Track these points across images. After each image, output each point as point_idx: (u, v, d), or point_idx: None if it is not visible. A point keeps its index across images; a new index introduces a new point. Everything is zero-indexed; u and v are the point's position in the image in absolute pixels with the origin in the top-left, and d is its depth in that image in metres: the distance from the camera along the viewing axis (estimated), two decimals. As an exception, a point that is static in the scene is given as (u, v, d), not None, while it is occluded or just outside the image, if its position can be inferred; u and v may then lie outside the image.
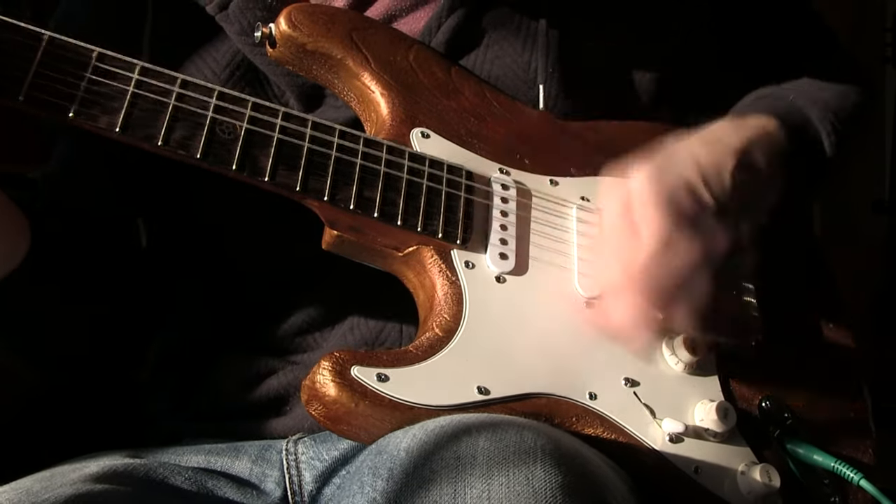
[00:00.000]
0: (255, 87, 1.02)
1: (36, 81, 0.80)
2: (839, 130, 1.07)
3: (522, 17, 1.05)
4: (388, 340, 1.01)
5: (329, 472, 0.99)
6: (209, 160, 0.85)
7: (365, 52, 0.98)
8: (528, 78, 1.04)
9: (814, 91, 1.11)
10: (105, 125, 0.82)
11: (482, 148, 0.99)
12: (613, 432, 0.88)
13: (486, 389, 0.84)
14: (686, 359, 0.94)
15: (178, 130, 0.84)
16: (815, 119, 1.07)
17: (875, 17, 2.87)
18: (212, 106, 0.86)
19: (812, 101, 1.09)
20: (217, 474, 0.97)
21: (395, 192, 0.91)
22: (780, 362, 1.02)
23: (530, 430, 0.77)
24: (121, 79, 0.83)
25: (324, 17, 0.97)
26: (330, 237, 0.89)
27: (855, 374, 1.06)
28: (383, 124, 0.97)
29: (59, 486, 0.82)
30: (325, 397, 0.81)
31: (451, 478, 0.72)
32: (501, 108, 1.03)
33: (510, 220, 0.96)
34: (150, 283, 1.15)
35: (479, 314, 0.89)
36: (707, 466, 0.90)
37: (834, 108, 1.09)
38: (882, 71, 2.81)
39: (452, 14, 1.03)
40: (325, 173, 0.89)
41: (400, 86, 0.99)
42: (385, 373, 0.82)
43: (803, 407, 1.00)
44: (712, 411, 0.91)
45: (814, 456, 0.95)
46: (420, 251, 0.91)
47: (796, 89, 1.11)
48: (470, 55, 1.05)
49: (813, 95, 1.10)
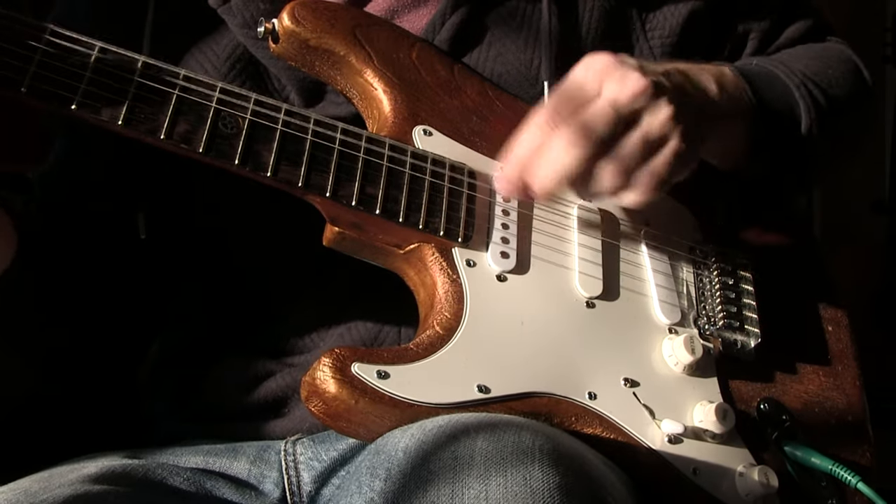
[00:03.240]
0: (256, 81, 1.02)
1: (39, 73, 0.79)
2: (818, 99, 1.06)
3: (524, 15, 1.05)
4: (386, 341, 1.01)
5: (328, 472, 0.99)
6: (212, 154, 0.85)
7: (368, 48, 0.98)
8: (530, 75, 1.04)
9: (788, 59, 1.10)
10: (107, 118, 0.82)
11: (484, 146, 0.99)
12: (612, 432, 0.88)
13: (486, 388, 0.84)
14: (685, 360, 0.94)
15: (181, 124, 0.84)
16: (789, 80, 1.06)
17: (875, 17, 2.87)
18: (215, 100, 0.86)
19: (783, 64, 1.08)
20: (216, 475, 0.97)
21: (397, 190, 0.91)
22: (779, 364, 1.02)
23: (528, 430, 0.77)
24: (124, 72, 0.83)
25: (327, 13, 0.97)
26: (331, 234, 0.89)
27: (854, 377, 1.06)
28: (385, 121, 0.97)
29: (57, 487, 0.82)
30: (325, 394, 0.81)
31: (449, 478, 0.72)
32: (504, 107, 1.03)
33: (512, 218, 0.96)
34: (150, 281, 1.14)
35: (479, 312, 0.89)
36: (705, 467, 0.90)
37: (814, 76, 1.08)
38: (882, 71, 2.81)
39: (456, 12, 1.03)
40: (327, 169, 0.89)
41: (402, 83, 0.98)
42: (385, 370, 0.82)
43: (802, 409, 1.00)
44: (711, 412, 0.91)
45: (811, 458, 0.95)
46: (421, 249, 0.91)
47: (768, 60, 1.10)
48: (472, 53, 1.05)
49: (785, 61, 1.09)
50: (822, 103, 1.06)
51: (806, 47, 1.17)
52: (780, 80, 1.06)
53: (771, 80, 1.05)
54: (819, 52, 1.15)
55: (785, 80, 1.06)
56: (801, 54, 1.14)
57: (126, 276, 1.12)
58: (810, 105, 1.05)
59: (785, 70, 1.07)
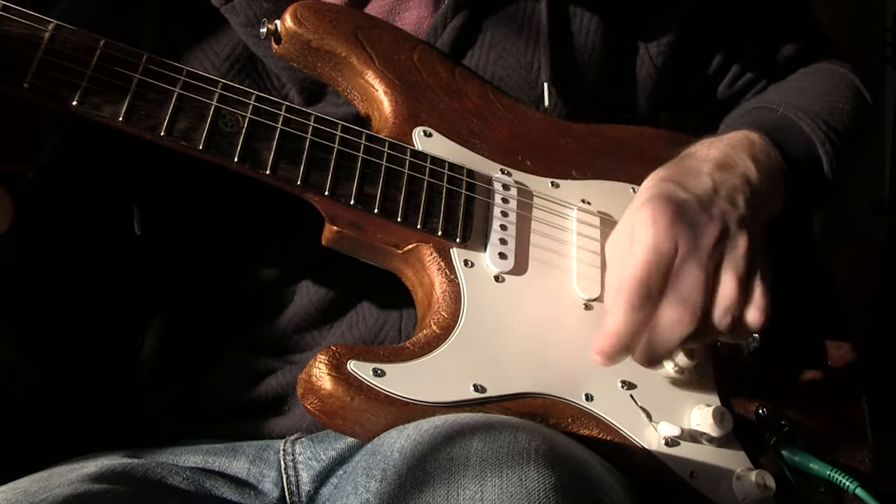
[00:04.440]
0: (256, 81, 1.03)
1: (40, 69, 0.80)
2: (835, 143, 1.07)
3: (525, 18, 1.05)
4: (386, 339, 1.01)
5: (326, 472, 0.99)
6: (211, 152, 0.85)
7: (369, 50, 0.98)
8: (530, 78, 1.05)
9: (805, 102, 1.11)
10: (108, 115, 0.82)
11: (484, 148, 1.00)
12: (609, 434, 0.88)
13: (482, 388, 0.84)
14: (684, 363, 0.94)
15: (181, 121, 0.84)
16: (810, 131, 1.07)
17: (875, 17, 2.87)
18: (216, 97, 0.86)
19: (804, 112, 1.09)
20: (215, 474, 0.97)
21: (395, 189, 0.91)
22: (778, 367, 1.02)
23: (524, 430, 0.76)
24: (126, 69, 0.83)
25: (329, 14, 0.98)
26: (330, 233, 0.89)
27: (854, 381, 1.06)
28: (386, 122, 0.97)
29: (56, 486, 0.82)
30: (321, 391, 0.81)
31: (445, 479, 0.72)
32: (504, 109, 1.03)
33: (510, 220, 0.96)
34: (147, 277, 1.15)
35: (476, 313, 0.89)
36: (703, 470, 0.90)
37: (829, 118, 1.09)
38: (882, 71, 2.80)
39: (458, 14, 1.04)
40: (326, 168, 0.89)
41: (403, 84, 0.99)
42: (381, 368, 0.82)
43: (800, 413, 1.00)
44: (709, 416, 0.91)
45: (810, 463, 0.95)
46: (419, 249, 0.91)
47: (786, 101, 1.11)
48: (473, 56, 1.05)
49: (804, 107, 1.10)
50: (839, 146, 1.08)
51: (812, 76, 1.18)
52: (804, 134, 1.07)
53: (796, 136, 1.06)
54: (828, 85, 1.16)
55: (809, 134, 1.07)
56: (813, 88, 1.15)
57: (122, 271, 1.12)
58: (831, 153, 1.07)
59: (809, 123, 1.08)
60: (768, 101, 1.13)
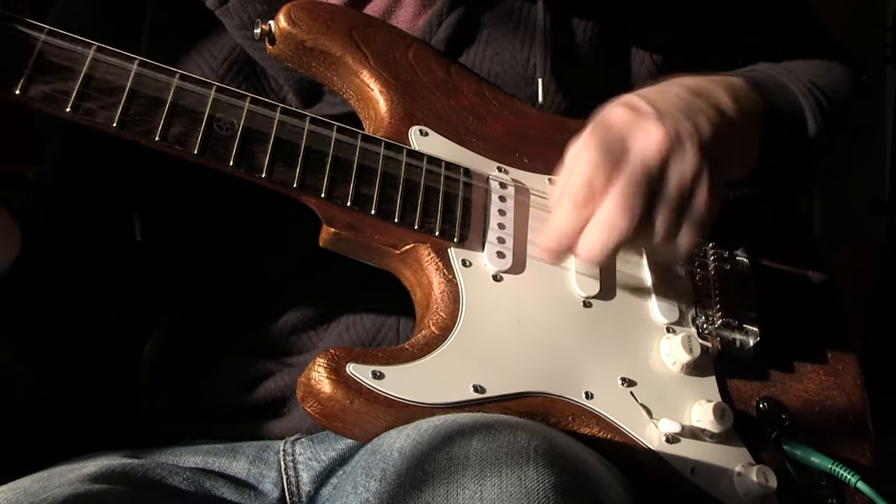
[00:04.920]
0: (253, 83, 1.02)
1: (34, 75, 0.80)
2: (823, 104, 1.07)
3: (521, 15, 1.05)
4: (385, 340, 1.01)
5: (326, 472, 0.99)
6: (206, 156, 0.85)
7: (364, 49, 0.98)
8: (526, 75, 1.04)
9: (793, 69, 1.11)
10: (102, 120, 0.82)
11: (481, 146, 0.99)
12: (609, 432, 0.88)
13: (481, 388, 0.84)
14: (683, 359, 0.94)
15: (176, 126, 0.84)
16: (795, 88, 1.07)
17: (875, 17, 2.87)
18: (210, 101, 0.86)
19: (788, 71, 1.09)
20: (215, 475, 0.97)
21: (392, 190, 0.91)
22: (779, 363, 1.02)
23: (524, 430, 0.76)
24: (119, 74, 0.83)
25: (323, 14, 0.97)
26: (327, 234, 0.89)
27: (854, 375, 1.06)
28: (382, 122, 0.97)
29: (57, 486, 0.82)
30: (321, 394, 0.81)
31: (444, 479, 0.72)
32: (500, 107, 1.03)
33: (508, 218, 0.96)
34: (146, 280, 1.15)
35: (475, 312, 0.89)
36: (703, 467, 0.90)
37: (818, 83, 1.09)
38: (882, 71, 2.80)
39: (453, 11, 1.04)
40: (322, 170, 0.88)
41: (399, 83, 0.98)
42: (380, 370, 0.82)
43: (801, 408, 1.00)
44: (709, 412, 0.91)
45: (811, 458, 0.95)
46: (417, 249, 0.91)
47: (772, 68, 1.11)
48: (469, 53, 1.05)
49: (790, 69, 1.10)
50: (826, 107, 1.07)
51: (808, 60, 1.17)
52: (787, 87, 1.07)
53: (779, 88, 1.06)
54: (822, 65, 1.16)
55: (792, 88, 1.07)
56: (805, 64, 1.14)
57: (123, 275, 1.12)
58: (815, 110, 1.06)
59: (791, 77, 1.08)
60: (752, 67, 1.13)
